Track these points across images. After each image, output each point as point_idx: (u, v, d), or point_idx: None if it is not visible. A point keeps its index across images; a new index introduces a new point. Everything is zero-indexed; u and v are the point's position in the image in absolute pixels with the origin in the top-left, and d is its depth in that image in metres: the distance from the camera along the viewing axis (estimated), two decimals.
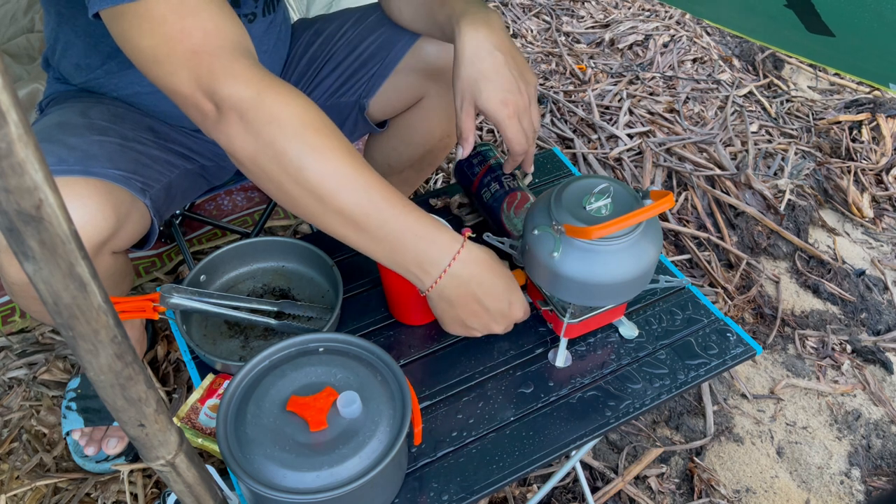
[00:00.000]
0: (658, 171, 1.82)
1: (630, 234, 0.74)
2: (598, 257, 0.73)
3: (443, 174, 1.75)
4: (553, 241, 0.74)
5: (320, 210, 0.71)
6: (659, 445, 1.25)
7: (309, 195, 0.70)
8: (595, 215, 0.74)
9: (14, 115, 0.31)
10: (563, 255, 0.74)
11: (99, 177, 0.80)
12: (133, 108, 0.98)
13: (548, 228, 0.75)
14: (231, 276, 0.95)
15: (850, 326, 1.51)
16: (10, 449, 1.18)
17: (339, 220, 0.71)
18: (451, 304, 0.77)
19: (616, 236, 0.73)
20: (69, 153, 0.80)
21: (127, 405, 0.47)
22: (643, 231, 0.75)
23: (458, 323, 0.80)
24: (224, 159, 1.12)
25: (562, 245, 0.74)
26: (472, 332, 0.81)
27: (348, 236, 0.73)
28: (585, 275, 0.74)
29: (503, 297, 0.78)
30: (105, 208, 0.78)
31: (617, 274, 0.74)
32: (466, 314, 0.78)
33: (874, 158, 1.93)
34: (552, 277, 0.76)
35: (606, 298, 0.78)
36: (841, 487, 1.24)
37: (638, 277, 0.76)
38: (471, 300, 0.77)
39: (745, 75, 2.25)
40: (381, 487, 0.70)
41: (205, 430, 0.80)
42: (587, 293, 0.76)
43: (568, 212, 0.74)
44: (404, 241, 0.73)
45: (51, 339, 1.33)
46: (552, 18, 2.45)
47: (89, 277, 0.39)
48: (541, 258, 0.76)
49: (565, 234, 0.73)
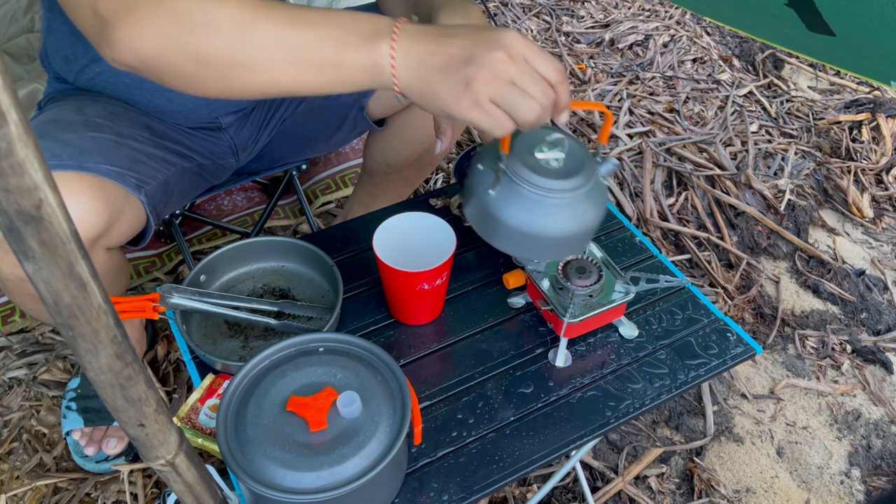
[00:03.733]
0: (658, 171, 1.82)
1: (573, 191, 0.71)
2: (534, 206, 0.71)
3: (443, 174, 1.75)
4: (493, 177, 0.72)
5: (243, 56, 0.64)
6: (659, 445, 1.25)
7: (226, 46, 0.63)
8: (544, 165, 0.72)
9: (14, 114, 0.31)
10: (500, 194, 0.71)
11: (92, 172, 0.80)
12: (129, 106, 0.98)
13: (493, 165, 0.72)
14: (231, 276, 0.95)
15: (850, 326, 1.51)
16: (10, 449, 1.18)
17: (266, 56, 0.64)
18: (432, 58, 0.64)
19: (558, 190, 0.71)
20: (63, 148, 0.80)
21: (127, 405, 0.47)
22: (587, 192, 0.73)
23: (462, 85, 0.63)
24: (221, 158, 1.12)
25: (501, 186, 0.71)
26: (489, 92, 0.63)
27: (283, 69, 0.65)
28: (517, 220, 0.71)
29: (479, 20, 0.69)
30: (98, 203, 0.78)
31: (549, 227, 0.71)
32: (455, 62, 0.63)
33: (874, 158, 1.93)
34: (483, 216, 0.73)
35: (532, 250, 0.75)
36: (841, 487, 1.24)
37: (570, 237, 0.73)
38: (447, 40, 0.65)
39: (745, 75, 2.25)
40: (381, 487, 0.70)
41: (205, 430, 0.80)
42: (515, 240, 0.73)
43: (517, 156, 0.71)
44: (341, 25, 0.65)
45: (51, 339, 1.33)
46: (552, 18, 2.45)
47: (89, 277, 0.39)
48: (478, 193, 0.73)
49: (510, 178, 0.70)
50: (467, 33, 0.65)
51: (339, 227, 1.06)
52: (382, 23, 0.65)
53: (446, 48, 0.64)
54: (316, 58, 0.65)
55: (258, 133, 1.15)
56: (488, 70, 0.63)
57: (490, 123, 0.64)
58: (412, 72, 0.65)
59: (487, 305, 0.94)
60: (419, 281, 0.83)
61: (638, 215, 1.69)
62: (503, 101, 0.63)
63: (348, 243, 1.03)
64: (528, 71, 0.64)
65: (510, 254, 0.72)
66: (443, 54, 0.64)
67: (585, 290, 0.84)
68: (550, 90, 0.66)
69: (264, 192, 1.62)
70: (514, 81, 0.64)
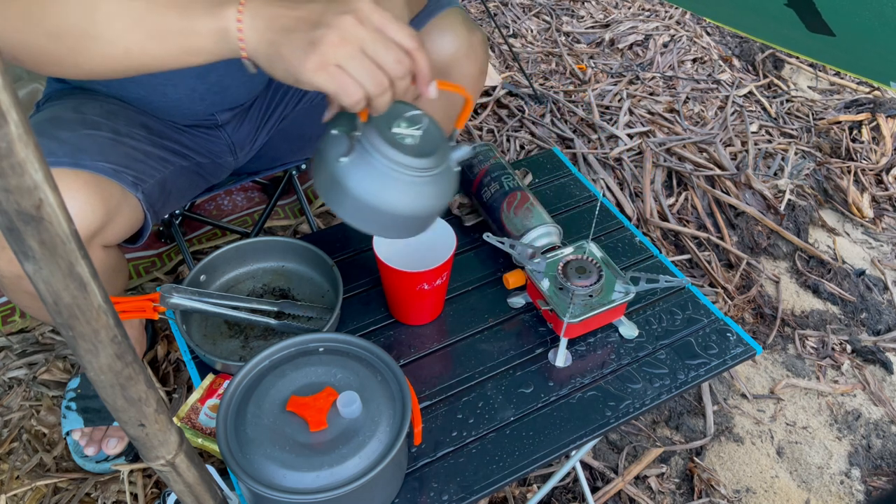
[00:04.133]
0: (658, 171, 1.82)
1: (424, 170, 0.71)
2: (384, 179, 0.70)
3: None
4: (347, 145, 0.70)
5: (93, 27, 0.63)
6: (659, 445, 1.25)
7: (75, 18, 0.63)
8: (399, 140, 0.72)
9: (14, 114, 0.31)
10: (351, 163, 0.70)
11: (88, 169, 0.80)
12: (126, 104, 0.98)
13: (348, 132, 0.71)
14: (231, 276, 0.95)
15: (850, 326, 1.51)
16: (10, 449, 1.18)
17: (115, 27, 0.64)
18: (280, 20, 0.63)
19: (411, 166, 0.70)
20: (59, 146, 0.81)
21: (127, 405, 0.47)
22: (438, 174, 0.73)
23: (308, 46, 0.62)
24: (220, 156, 1.12)
25: (354, 155, 0.70)
26: (336, 56, 0.62)
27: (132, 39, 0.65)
28: (366, 192, 0.70)
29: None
30: (94, 200, 0.78)
31: (397, 203, 0.71)
32: (304, 23, 0.63)
33: (874, 158, 1.93)
34: (331, 183, 0.71)
35: (374, 225, 0.74)
36: (841, 487, 1.24)
37: (415, 216, 0.73)
38: (298, 4, 0.64)
39: (745, 75, 2.25)
40: (381, 487, 0.70)
41: (205, 430, 0.80)
42: (360, 213, 0.72)
43: (374, 127, 0.71)
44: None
45: (51, 339, 1.33)
46: (552, 18, 2.45)
47: (89, 277, 0.39)
48: (328, 160, 0.71)
49: (364, 147, 0.70)
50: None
51: (339, 227, 1.06)
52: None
53: (294, 11, 0.63)
54: (162, 25, 0.64)
55: (257, 131, 1.15)
56: (336, 33, 0.61)
57: (334, 87, 0.63)
58: (260, 35, 0.64)
59: (487, 305, 0.94)
60: (419, 281, 0.83)
61: (638, 215, 1.69)
62: (350, 66, 0.62)
63: (348, 243, 1.03)
64: (379, 38, 0.63)
65: (353, 225, 0.73)
66: (290, 17, 0.63)
67: (585, 290, 0.84)
68: (406, 58, 0.64)
69: (264, 192, 1.62)
70: (365, 48, 0.62)
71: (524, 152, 1.86)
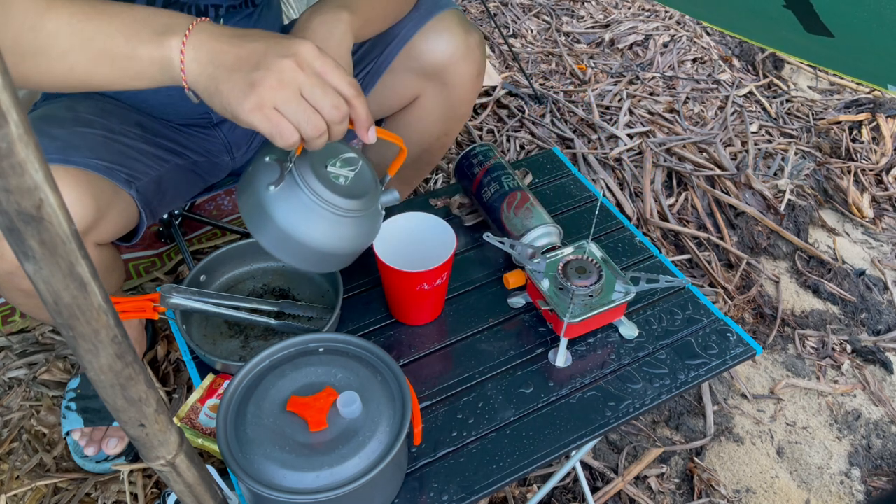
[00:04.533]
0: (658, 171, 1.82)
1: (351, 211, 0.73)
2: (309, 214, 0.71)
3: (443, 174, 1.75)
4: (278, 174, 0.70)
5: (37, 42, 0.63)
6: (659, 445, 1.25)
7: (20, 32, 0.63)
8: (331, 178, 0.73)
9: (14, 114, 0.31)
10: (280, 193, 0.70)
11: (78, 166, 0.80)
12: (121, 103, 0.98)
13: (280, 163, 0.71)
14: (231, 276, 0.95)
15: (850, 326, 1.51)
16: (10, 449, 1.18)
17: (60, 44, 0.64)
18: (222, 56, 0.64)
19: (338, 206, 0.72)
20: (50, 142, 0.81)
21: (127, 405, 0.47)
22: (364, 217, 0.75)
23: (247, 86, 0.63)
24: (216, 155, 1.12)
25: (284, 186, 0.70)
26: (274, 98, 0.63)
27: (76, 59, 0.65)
28: (289, 224, 0.71)
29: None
30: (84, 197, 0.78)
31: (318, 239, 0.72)
32: (245, 63, 0.64)
33: (874, 158, 1.93)
34: (257, 209, 0.71)
35: (294, 256, 0.74)
36: (841, 487, 1.24)
37: (335, 254, 0.75)
38: (241, 42, 0.65)
39: (745, 75, 2.25)
40: (381, 487, 0.70)
41: (205, 430, 0.80)
42: (281, 243, 0.72)
43: (308, 162, 0.72)
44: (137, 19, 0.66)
45: (51, 339, 1.33)
46: (552, 18, 2.45)
47: (89, 277, 0.39)
48: (256, 186, 0.71)
49: (294, 180, 0.70)
50: (263, 38, 0.66)
51: None
52: (179, 19, 0.66)
53: (237, 49, 0.65)
54: (107, 48, 0.65)
55: (253, 132, 1.15)
56: (275, 76, 0.63)
57: (270, 130, 0.64)
58: (201, 68, 0.65)
59: (487, 305, 0.94)
60: (419, 281, 0.83)
61: (638, 215, 1.69)
62: (287, 110, 0.64)
63: None
64: (318, 83, 0.64)
65: (271, 252, 0.74)
66: (232, 54, 0.64)
67: (585, 290, 0.84)
68: (343, 104, 0.66)
69: None
70: (303, 92, 0.64)
71: (524, 152, 1.86)
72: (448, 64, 1.02)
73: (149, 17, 0.66)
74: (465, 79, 1.05)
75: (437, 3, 1.01)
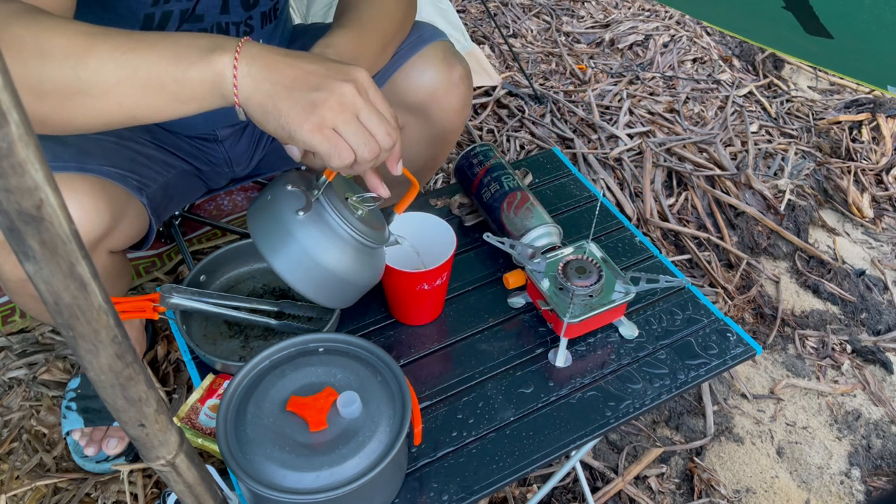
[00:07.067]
0: (658, 171, 1.82)
1: (372, 241, 0.75)
2: (335, 239, 0.72)
3: (443, 174, 1.75)
4: (305, 202, 0.71)
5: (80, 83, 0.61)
6: (659, 445, 1.25)
7: (61, 75, 0.60)
8: (351, 209, 0.75)
9: (15, 115, 0.31)
10: (308, 218, 0.71)
11: (94, 173, 0.80)
12: None
13: (306, 191, 0.72)
14: (231, 276, 0.95)
15: (850, 326, 1.51)
16: (10, 449, 1.18)
17: (105, 80, 0.62)
18: (279, 74, 0.64)
19: (364, 232, 0.74)
20: (64, 149, 0.80)
21: (127, 405, 0.47)
22: (377, 252, 0.78)
23: (308, 106, 0.64)
24: (221, 165, 1.12)
25: (312, 212, 0.71)
26: (335, 119, 0.64)
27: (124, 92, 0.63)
28: (313, 246, 0.71)
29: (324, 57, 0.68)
30: (100, 205, 0.78)
31: (339, 263, 0.73)
32: (304, 83, 0.64)
33: (874, 158, 1.93)
34: (281, 233, 0.71)
35: (306, 280, 0.74)
36: (841, 487, 1.24)
37: (350, 283, 0.76)
38: (296, 61, 0.65)
39: (745, 75, 2.25)
40: (381, 487, 0.70)
41: (205, 430, 0.80)
42: (297, 264, 0.72)
43: (334, 193, 0.73)
44: (180, 42, 0.64)
45: (51, 339, 1.33)
46: (552, 18, 2.45)
47: (90, 277, 0.39)
48: (281, 211, 0.71)
49: (323, 206, 0.71)
50: (317, 60, 0.66)
51: None
52: (222, 39, 0.65)
53: (293, 69, 0.65)
54: (155, 76, 0.63)
55: (253, 149, 1.15)
56: (336, 98, 0.64)
57: (329, 150, 0.65)
58: (256, 84, 0.64)
59: (487, 305, 0.94)
60: (419, 281, 0.83)
61: (638, 215, 1.69)
62: (346, 131, 0.65)
63: None
64: (374, 110, 0.66)
65: (285, 278, 0.73)
66: (289, 74, 0.64)
67: (585, 290, 0.84)
68: (395, 133, 0.68)
69: None
70: (360, 117, 0.65)
71: (524, 152, 1.86)
72: (430, 100, 1.01)
73: (192, 40, 0.65)
74: (450, 112, 1.04)
75: (421, 37, 1.00)
